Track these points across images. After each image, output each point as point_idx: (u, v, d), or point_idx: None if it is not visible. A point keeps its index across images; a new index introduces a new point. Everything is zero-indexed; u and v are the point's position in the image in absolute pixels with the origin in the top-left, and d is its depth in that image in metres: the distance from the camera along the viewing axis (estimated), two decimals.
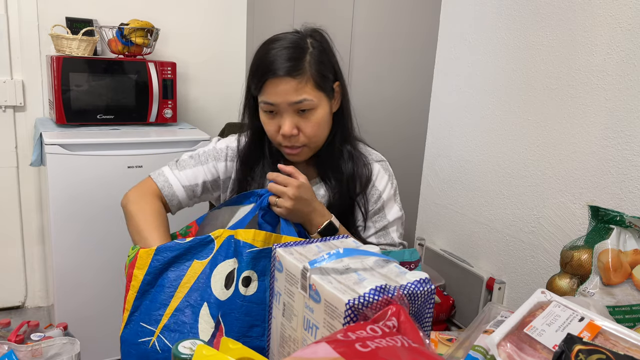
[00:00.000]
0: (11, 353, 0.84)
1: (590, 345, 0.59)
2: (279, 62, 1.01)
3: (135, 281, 0.94)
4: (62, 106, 2.02)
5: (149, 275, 0.93)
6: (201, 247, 0.94)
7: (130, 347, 0.92)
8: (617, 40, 1.51)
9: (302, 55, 1.02)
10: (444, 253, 2.22)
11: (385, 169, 1.19)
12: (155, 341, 0.91)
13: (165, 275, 0.94)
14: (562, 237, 1.70)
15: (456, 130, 2.14)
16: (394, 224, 1.17)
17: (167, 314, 0.92)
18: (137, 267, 0.94)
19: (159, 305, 0.92)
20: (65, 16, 2.27)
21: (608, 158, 1.55)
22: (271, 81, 1.01)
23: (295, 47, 1.03)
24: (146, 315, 0.92)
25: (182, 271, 0.93)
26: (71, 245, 1.91)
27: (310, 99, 1.02)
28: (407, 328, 0.58)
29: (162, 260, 0.94)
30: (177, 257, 0.94)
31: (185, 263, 0.94)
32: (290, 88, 1.00)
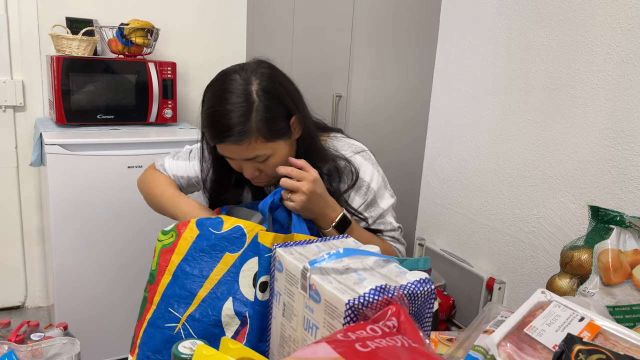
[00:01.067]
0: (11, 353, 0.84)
1: (590, 345, 0.59)
2: (224, 129, 0.97)
3: (172, 266, 0.95)
4: (62, 106, 2.02)
5: (185, 262, 0.94)
6: (234, 239, 0.94)
7: (156, 330, 0.93)
8: (617, 40, 1.51)
9: (247, 116, 0.97)
10: (444, 253, 2.22)
11: (368, 158, 1.17)
12: (180, 328, 0.92)
13: (198, 264, 0.94)
14: (562, 237, 1.70)
15: (456, 130, 2.14)
16: (389, 210, 1.18)
17: (194, 303, 0.92)
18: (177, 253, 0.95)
19: (188, 293, 0.93)
20: (65, 16, 2.27)
21: (608, 158, 1.55)
22: (220, 145, 1.01)
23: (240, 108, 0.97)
24: (175, 302, 0.93)
25: (214, 262, 0.94)
26: (71, 245, 1.91)
27: (262, 154, 1.01)
28: (407, 328, 0.58)
29: (198, 249, 0.95)
30: (211, 247, 0.94)
31: (218, 254, 0.94)
32: (241, 150, 0.99)
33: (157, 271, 0.96)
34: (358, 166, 1.15)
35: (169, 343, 0.92)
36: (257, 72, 1.01)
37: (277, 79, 1.03)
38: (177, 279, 0.94)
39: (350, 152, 1.16)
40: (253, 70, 1.01)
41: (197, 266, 0.94)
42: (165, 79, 2.19)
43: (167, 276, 0.95)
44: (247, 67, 1.03)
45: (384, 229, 1.17)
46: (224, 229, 0.94)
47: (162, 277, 0.96)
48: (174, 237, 0.97)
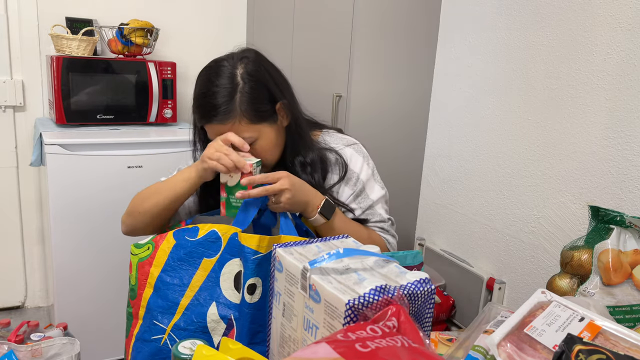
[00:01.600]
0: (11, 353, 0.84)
1: (590, 346, 0.59)
2: (210, 109, 1.03)
3: (152, 278, 0.95)
4: (62, 106, 2.02)
5: (165, 272, 0.95)
6: (209, 244, 0.95)
7: (143, 344, 0.94)
8: (617, 40, 1.51)
9: (231, 96, 1.02)
10: (444, 253, 2.22)
11: (358, 151, 1.19)
12: (166, 339, 0.92)
13: (178, 273, 0.94)
14: (562, 237, 1.70)
15: (456, 130, 2.14)
16: (379, 201, 1.18)
17: (178, 312, 0.93)
18: (155, 265, 0.95)
19: (171, 303, 0.93)
20: (65, 16, 2.27)
21: (608, 158, 1.55)
22: (207, 125, 1.06)
23: (225, 88, 1.02)
24: (159, 313, 0.94)
25: (193, 269, 0.94)
26: (71, 245, 1.91)
27: (248, 136, 1.04)
28: (407, 328, 0.58)
29: (175, 258, 0.95)
30: (188, 254, 0.94)
31: (196, 260, 0.94)
32: (225, 130, 1.03)
33: (138, 285, 0.96)
34: (348, 158, 1.16)
35: (156, 355, 0.92)
36: (243, 57, 1.08)
37: (262, 65, 1.09)
38: (159, 291, 0.94)
39: (341, 144, 1.18)
40: (239, 56, 1.08)
41: (176, 275, 0.94)
42: (165, 79, 2.19)
43: (148, 289, 0.95)
44: (235, 54, 1.09)
45: (371, 219, 1.17)
46: (199, 235, 0.94)
47: (143, 290, 0.96)
48: (150, 249, 0.97)
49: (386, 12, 2.04)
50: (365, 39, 2.01)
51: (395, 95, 2.15)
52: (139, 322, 0.95)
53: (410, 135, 2.26)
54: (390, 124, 2.17)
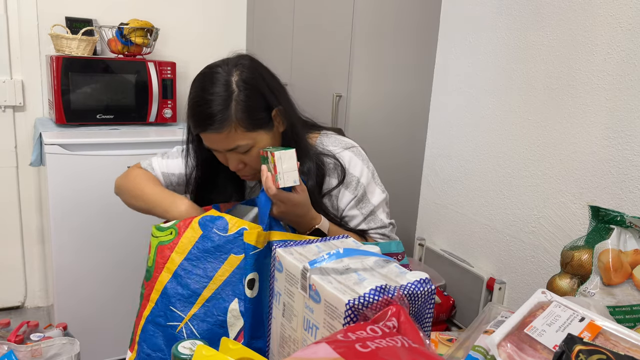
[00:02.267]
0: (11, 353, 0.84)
1: (590, 346, 0.58)
2: (205, 118, 1.01)
3: (172, 264, 0.95)
4: (62, 106, 2.02)
5: (188, 261, 0.94)
6: (239, 241, 0.94)
7: (157, 328, 0.93)
8: (617, 40, 1.51)
9: (227, 104, 1.01)
10: (444, 253, 2.22)
11: (357, 154, 1.17)
12: (182, 327, 0.92)
13: (202, 264, 0.94)
14: (562, 237, 1.70)
15: (456, 130, 2.14)
16: (380, 206, 1.17)
17: (198, 303, 0.93)
18: (177, 251, 0.95)
19: (191, 292, 0.93)
20: (65, 16, 2.27)
21: (608, 158, 1.55)
22: (203, 135, 1.05)
23: (220, 97, 1.01)
24: (177, 301, 0.93)
25: (219, 263, 0.94)
26: (71, 245, 1.91)
27: (243, 144, 1.03)
28: (407, 328, 0.58)
29: (201, 249, 0.94)
30: (216, 248, 0.94)
31: (222, 255, 0.94)
32: (222, 139, 1.02)
33: (154, 267, 0.96)
34: (347, 162, 1.15)
35: (171, 342, 0.92)
36: (238, 64, 1.05)
37: (258, 71, 1.07)
38: (179, 278, 0.94)
39: (339, 148, 1.17)
40: (234, 63, 1.05)
41: (201, 266, 0.94)
42: (165, 79, 2.19)
43: (166, 274, 0.95)
44: (230, 60, 1.07)
45: (373, 226, 1.16)
46: (230, 232, 0.94)
47: (159, 274, 0.95)
48: (173, 234, 0.96)
49: (386, 12, 2.04)
50: (366, 39, 2.01)
51: (396, 95, 2.15)
52: (151, 305, 0.95)
53: (411, 135, 2.26)
54: (390, 124, 2.17)
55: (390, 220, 1.20)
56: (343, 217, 1.15)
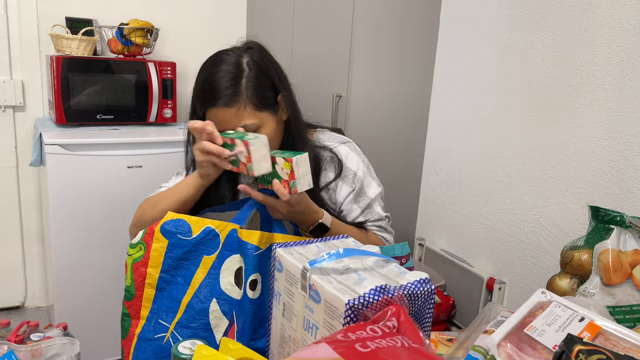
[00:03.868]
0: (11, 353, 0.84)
1: (590, 346, 0.58)
2: (215, 92, 1.02)
3: (151, 279, 0.95)
4: (62, 106, 2.02)
5: (165, 272, 0.95)
6: (208, 242, 0.95)
7: (146, 343, 0.94)
8: (618, 40, 1.51)
9: (237, 81, 1.02)
10: (444, 253, 2.22)
11: (353, 148, 1.19)
12: (169, 337, 0.93)
13: (179, 271, 0.95)
14: (562, 237, 1.70)
15: (456, 130, 2.14)
16: (376, 199, 1.19)
17: (180, 310, 0.93)
18: (151, 265, 0.95)
19: (174, 302, 0.94)
20: (65, 16, 2.27)
21: (608, 158, 1.55)
22: (211, 110, 1.04)
23: (231, 73, 1.03)
24: (163, 312, 0.94)
25: (194, 267, 0.94)
26: (71, 245, 1.91)
27: (251, 123, 1.03)
28: (407, 328, 0.58)
29: (174, 257, 0.94)
30: (187, 253, 0.94)
31: (196, 258, 0.95)
32: (230, 116, 1.02)
33: (134, 286, 0.96)
34: (344, 156, 1.17)
35: (159, 354, 0.93)
36: (247, 48, 1.09)
37: (266, 56, 1.10)
38: (163, 291, 0.95)
39: (335, 142, 1.19)
40: (244, 47, 1.10)
41: (179, 274, 0.95)
42: (165, 79, 2.19)
43: (150, 290, 0.95)
44: (239, 46, 1.11)
45: (370, 219, 1.18)
46: (194, 234, 0.94)
47: (142, 291, 0.96)
48: (142, 249, 0.96)
49: (386, 12, 2.04)
50: (365, 39, 2.01)
51: (396, 95, 2.15)
52: (142, 322, 0.96)
53: (411, 136, 2.26)
54: (390, 124, 2.17)
55: (386, 213, 1.21)
56: (341, 211, 1.16)
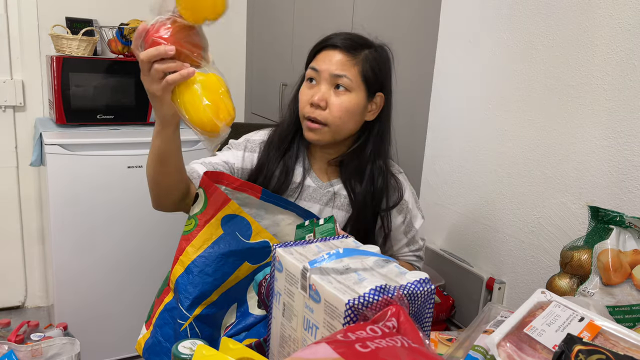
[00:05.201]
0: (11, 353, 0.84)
1: (590, 346, 0.59)
2: (340, 38, 1.07)
3: (186, 257, 0.91)
4: (62, 106, 2.02)
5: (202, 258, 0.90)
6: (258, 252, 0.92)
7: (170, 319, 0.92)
8: (617, 40, 1.51)
9: (361, 46, 1.08)
10: (444, 253, 2.22)
11: (405, 179, 1.24)
12: (187, 327, 0.90)
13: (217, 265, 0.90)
14: (562, 237, 1.70)
15: (456, 130, 2.14)
16: (420, 231, 1.23)
17: (204, 304, 0.90)
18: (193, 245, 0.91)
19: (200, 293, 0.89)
20: (65, 16, 2.27)
21: (608, 158, 1.55)
22: (328, 49, 1.07)
23: (359, 38, 1.09)
24: (185, 298, 0.90)
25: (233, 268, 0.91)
26: (71, 245, 1.91)
27: (349, 78, 1.05)
28: (407, 328, 0.58)
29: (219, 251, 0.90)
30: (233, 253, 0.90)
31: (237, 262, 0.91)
32: (339, 61, 1.05)
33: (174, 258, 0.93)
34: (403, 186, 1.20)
35: (178, 336, 0.91)
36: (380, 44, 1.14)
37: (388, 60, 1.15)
38: (191, 275, 0.90)
39: (395, 170, 1.23)
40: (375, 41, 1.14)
41: (215, 267, 0.90)
42: None
43: (179, 267, 0.91)
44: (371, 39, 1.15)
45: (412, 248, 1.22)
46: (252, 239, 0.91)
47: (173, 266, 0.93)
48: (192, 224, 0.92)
49: (386, 12, 2.04)
50: None
51: (395, 95, 2.15)
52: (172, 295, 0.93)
53: (410, 135, 2.26)
54: None
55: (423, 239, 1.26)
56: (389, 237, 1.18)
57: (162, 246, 2.02)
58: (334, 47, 1.06)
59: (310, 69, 1.09)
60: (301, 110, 1.10)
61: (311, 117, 1.07)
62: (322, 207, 1.12)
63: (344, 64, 1.06)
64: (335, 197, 1.13)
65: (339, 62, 1.06)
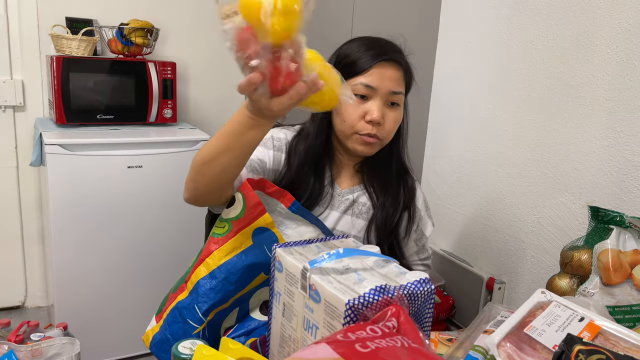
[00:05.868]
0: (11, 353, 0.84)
1: (590, 346, 0.59)
2: (394, 49, 1.04)
3: (212, 261, 0.90)
4: (62, 106, 2.02)
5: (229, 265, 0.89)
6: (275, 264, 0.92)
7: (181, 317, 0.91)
8: (618, 40, 1.51)
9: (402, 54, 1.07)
10: (444, 253, 2.22)
11: (418, 186, 1.22)
12: (201, 331, 0.89)
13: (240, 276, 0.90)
14: (562, 237, 1.70)
15: (456, 130, 2.14)
16: (429, 239, 1.21)
17: (218, 309, 0.91)
18: (221, 249, 0.90)
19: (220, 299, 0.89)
20: (65, 16, 2.27)
21: (608, 158, 1.55)
22: (382, 64, 1.01)
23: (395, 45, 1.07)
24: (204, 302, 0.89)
25: (252, 278, 0.91)
26: (71, 245, 1.91)
27: (403, 94, 1.05)
28: (407, 329, 0.58)
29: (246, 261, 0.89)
30: (258, 265, 0.90)
31: (257, 272, 0.91)
32: (396, 77, 1.03)
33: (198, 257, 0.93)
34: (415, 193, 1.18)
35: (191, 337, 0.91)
36: None
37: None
38: (215, 281, 0.89)
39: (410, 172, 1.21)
40: None
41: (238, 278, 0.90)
42: (165, 79, 2.19)
43: (204, 268, 0.90)
44: None
45: (421, 256, 1.20)
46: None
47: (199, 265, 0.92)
48: (226, 229, 0.91)
49: (386, 13, 2.04)
50: None
51: None
52: (186, 293, 0.91)
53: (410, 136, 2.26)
54: None
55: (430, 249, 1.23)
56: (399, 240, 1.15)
57: (162, 246, 2.02)
58: (390, 61, 1.02)
59: (362, 86, 1.00)
60: (350, 126, 1.03)
61: (371, 134, 1.03)
62: (340, 214, 1.09)
63: (398, 79, 1.03)
64: (354, 204, 1.10)
65: (396, 78, 1.02)
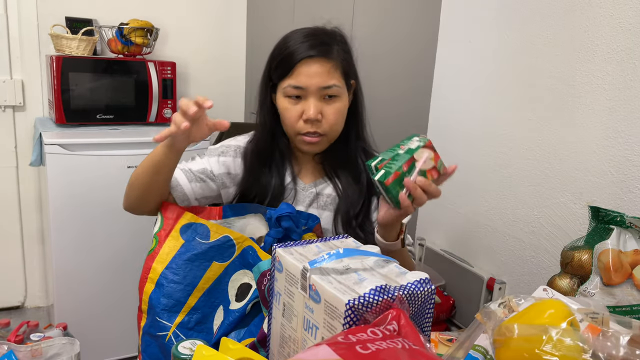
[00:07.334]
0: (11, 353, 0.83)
1: None
2: (312, 44, 1.01)
3: (154, 274, 0.94)
4: (62, 106, 2.02)
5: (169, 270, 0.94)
6: (223, 250, 0.94)
7: (151, 339, 0.94)
8: (618, 40, 1.51)
9: (331, 41, 1.04)
10: (444, 253, 2.22)
11: None
12: (171, 336, 0.92)
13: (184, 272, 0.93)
14: (562, 237, 1.70)
15: (456, 130, 2.14)
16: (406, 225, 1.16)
17: (183, 311, 0.93)
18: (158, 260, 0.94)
19: (175, 301, 0.93)
20: (65, 16, 2.27)
21: (608, 158, 1.55)
22: (304, 62, 1.01)
23: (324, 34, 1.05)
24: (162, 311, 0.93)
25: (201, 271, 0.93)
26: (71, 245, 1.91)
27: (338, 85, 1.03)
28: (407, 331, 0.58)
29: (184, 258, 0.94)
30: (198, 255, 0.94)
31: (204, 263, 0.93)
32: (323, 71, 1.01)
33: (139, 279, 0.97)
34: None
35: (165, 350, 0.93)
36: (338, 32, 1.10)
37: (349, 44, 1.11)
38: (162, 288, 0.94)
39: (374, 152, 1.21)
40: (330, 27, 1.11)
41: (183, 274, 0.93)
42: (165, 79, 2.19)
43: (150, 285, 0.95)
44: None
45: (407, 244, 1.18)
46: (212, 239, 0.94)
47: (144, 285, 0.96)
48: (154, 243, 0.96)
49: (386, 13, 2.04)
50: (365, 39, 2.01)
51: (395, 95, 2.15)
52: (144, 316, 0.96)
53: None
54: (390, 124, 2.17)
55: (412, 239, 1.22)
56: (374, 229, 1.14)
57: None
58: (310, 58, 1.00)
59: (291, 88, 1.02)
60: (291, 127, 1.05)
61: (310, 132, 1.04)
62: (305, 208, 1.11)
63: (328, 72, 1.01)
64: (318, 197, 1.11)
65: (324, 72, 1.00)
